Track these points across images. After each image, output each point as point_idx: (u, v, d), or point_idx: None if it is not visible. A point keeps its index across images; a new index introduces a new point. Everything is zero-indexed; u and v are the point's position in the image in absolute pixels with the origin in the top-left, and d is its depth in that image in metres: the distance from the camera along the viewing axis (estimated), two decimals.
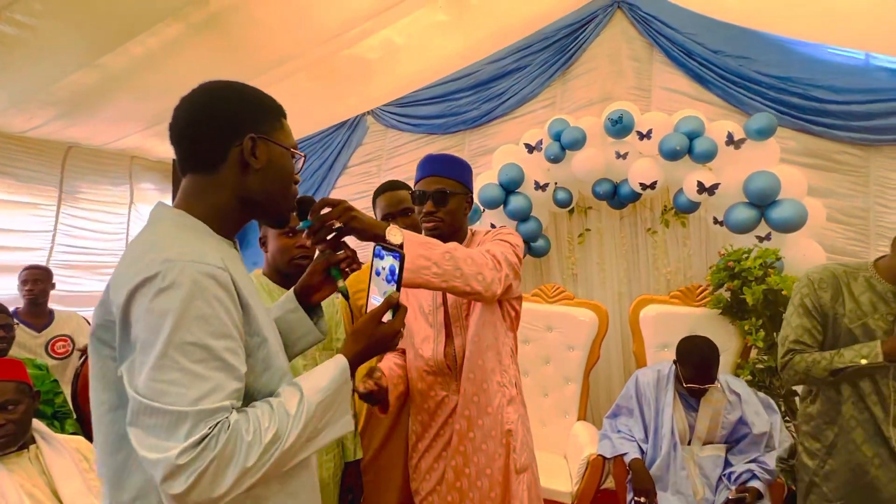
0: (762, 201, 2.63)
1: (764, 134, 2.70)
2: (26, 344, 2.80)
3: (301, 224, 1.04)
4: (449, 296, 1.50)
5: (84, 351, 2.90)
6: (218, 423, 0.72)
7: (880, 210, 3.02)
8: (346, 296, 1.07)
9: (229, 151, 0.87)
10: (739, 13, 3.13)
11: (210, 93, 0.89)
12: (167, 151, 3.82)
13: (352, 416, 0.93)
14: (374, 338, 0.96)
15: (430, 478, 1.55)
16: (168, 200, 3.91)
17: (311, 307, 1.11)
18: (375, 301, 1.02)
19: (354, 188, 4.00)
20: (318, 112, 3.83)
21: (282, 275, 1.61)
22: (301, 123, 3.94)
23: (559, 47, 3.52)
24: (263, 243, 1.65)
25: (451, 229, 1.46)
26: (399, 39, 3.26)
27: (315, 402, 0.83)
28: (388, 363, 1.55)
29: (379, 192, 1.89)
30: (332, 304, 1.75)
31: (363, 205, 3.97)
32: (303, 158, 0.98)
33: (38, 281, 2.90)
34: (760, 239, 2.72)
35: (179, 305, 0.72)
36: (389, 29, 3.12)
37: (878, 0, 2.54)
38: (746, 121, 2.80)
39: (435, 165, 1.47)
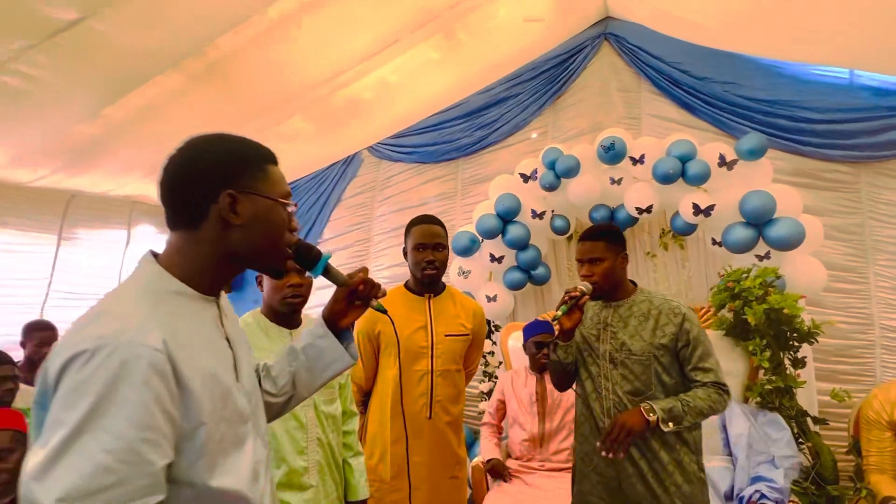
0: (759, 220, 2.66)
1: (755, 154, 2.74)
2: (25, 398, 2.76)
3: (309, 273, 1.03)
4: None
5: None
6: None
7: (874, 225, 3.05)
8: (383, 311, 1.10)
9: (209, 209, 0.83)
10: (723, 38, 3.22)
11: (188, 150, 0.87)
12: None
13: None
14: None
15: None
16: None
17: (341, 332, 1.07)
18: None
19: (348, 220, 4.04)
20: (316, 151, 3.89)
21: (277, 314, 1.60)
22: (298, 163, 4.00)
23: (549, 77, 3.61)
24: (260, 283, 1.64)
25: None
26: (393, 78, 3.34)
27: None
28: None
29: (415, 223, 1.94)
30: None
31: (357, 237, 4.01)
32: (294, 207, 0.93)
33: (48, 344, 2.78)
34: (760, 258, 2.73)
35: (101, 388, 0.67)
36: (383, 69, 3.20)
37: (862, 17, 2.57)
38: (737, 141, 2.85)
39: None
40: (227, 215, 0.83)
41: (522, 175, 3.17)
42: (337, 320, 1.06)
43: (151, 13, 2.01)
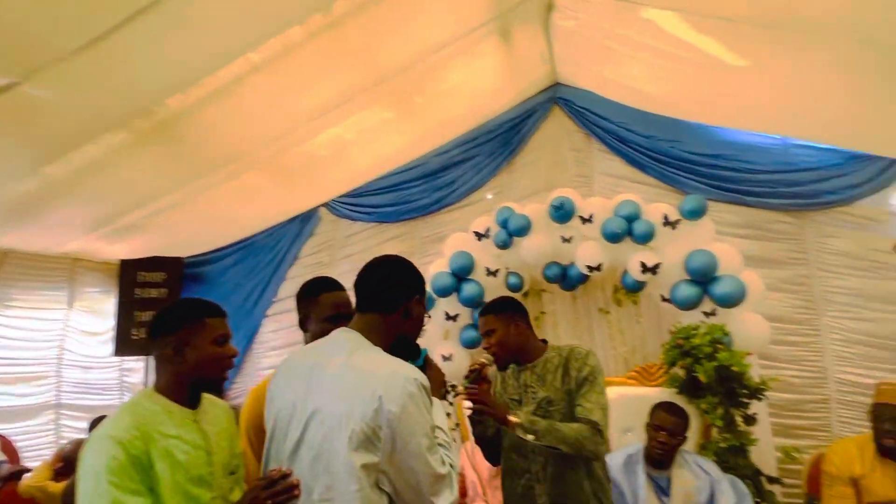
0: (703, 278, 2.72)
1: (696, 214, 2.84)
2: None
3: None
4: None
5: (6, 478, 2.61)
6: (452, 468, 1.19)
7: (822, 275, 3.12)
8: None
9: (402, 304, 1.28)
10: (665, 105, 3.40)
11: (395, 263, 1.36)
12: (114, 252, 3.73)
13: None
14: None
15: None
16: (112, 302, 3.78)
17: None
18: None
19: (307, 279, 3.93)
20: (271, 207, 3.86)
21: (184, 392, 1.35)
22: (255, 219, 3.94)
23: (503, 139, 3.72)
24: (179, 351, 1.32)
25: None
26: (348, 136, 3.38)
27: None
28: None
29: (327, 288, 1.68)
30: (228, 420, 1.49)
31: None
32: (430, 317, 1.51)
33: None
34: (707, 315, 2.78)
35: (421, 395, 1.14)
36: (338, 127, 3.24)
37: (790, 89, 2.72)
38: (680, 202, 2.95)
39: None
40: (412, 309, 1.30)
41: (476, 233, 3.20)
42: None
43: (92, 76, 1.99)
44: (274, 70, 2.50)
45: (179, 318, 1.35)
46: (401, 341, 1.30)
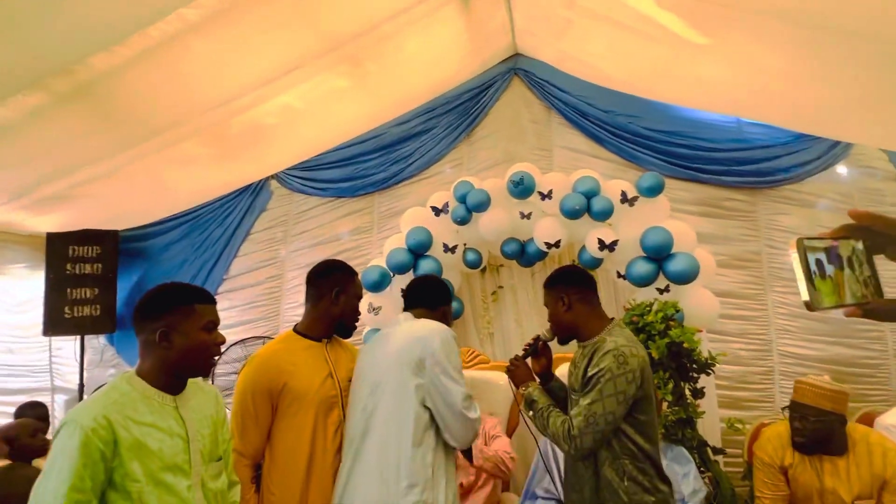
0: (658, 255, 2.73)
1: (653, 191, 2.83)
2: None
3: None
4: None
5: None
6: None
7: (771, 252, 3.23)
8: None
9: (442, 306, 1.85)
10: (623, 82, 3.36)
11: (437, 279, 1.98)
12: (39, 224, 3.43)
13: None
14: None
15: None
16: (41, 276, 3.48)
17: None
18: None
19: (260, 255, 3.77)
20: (214, 178, 3.62)
21: (169, 377, 1.34)
22: (196, 190, 3.70)
23: (463, 110, 3.60)
24: (166, 337, 1.30)
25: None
26: (299, 104, 3.17)
27: None
28: None
29: (356, 272, 1.93)
30: (216, 406, 1.50)
31: (269, 273, 3.76)
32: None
33: None
34: (661, 291, 2.81)
35: (454, 343, 1.68)
36: (287, 94, 3.03)
37: (742, 69, 2.75)
38: (637, 179, 2.94)
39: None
40: (447, 313, 1.87)
41: (434, 208, 3.10)
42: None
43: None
44: (213, 30, 2.28)
45: (168, 302, 1.32)
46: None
